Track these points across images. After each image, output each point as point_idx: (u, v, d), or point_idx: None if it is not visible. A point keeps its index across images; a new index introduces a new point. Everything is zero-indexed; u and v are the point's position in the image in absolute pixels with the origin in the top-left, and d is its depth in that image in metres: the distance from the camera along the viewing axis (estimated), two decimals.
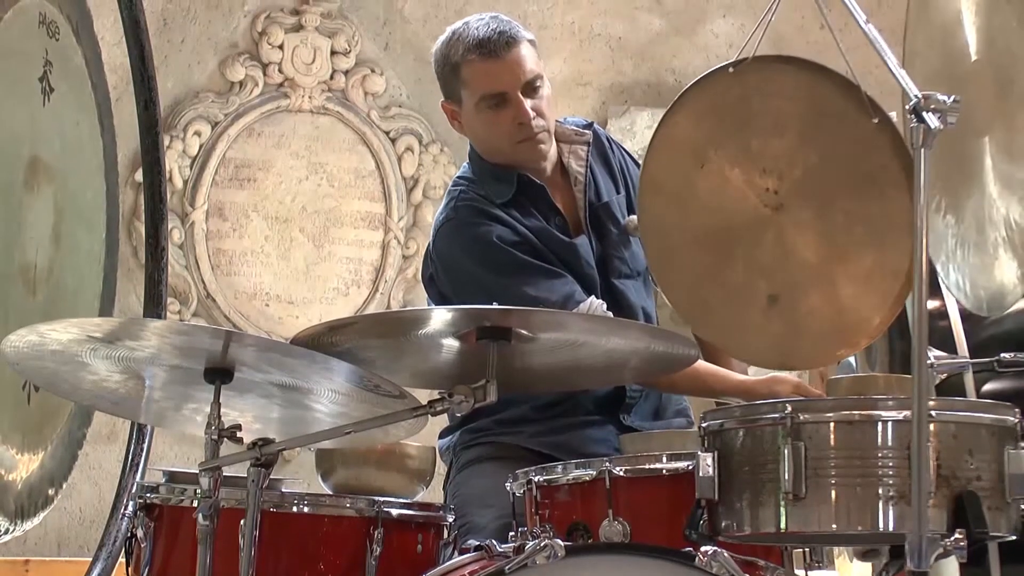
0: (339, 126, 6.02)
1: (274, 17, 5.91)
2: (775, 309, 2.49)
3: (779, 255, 2.51)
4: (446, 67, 3.16)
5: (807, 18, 5.46)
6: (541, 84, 3.13)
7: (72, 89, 4.08)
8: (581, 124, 3.28)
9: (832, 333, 2.53)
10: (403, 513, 2.75)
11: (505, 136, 3.13)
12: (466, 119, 3.18)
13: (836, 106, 2.49)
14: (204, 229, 5.85)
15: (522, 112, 3.10)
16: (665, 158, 2.55)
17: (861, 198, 2.49)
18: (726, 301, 2.53)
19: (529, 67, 3.10)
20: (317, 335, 2.47)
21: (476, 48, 3.09)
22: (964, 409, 2.29)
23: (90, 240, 4.21)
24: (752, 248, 2.51)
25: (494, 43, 3.09)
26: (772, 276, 2.50)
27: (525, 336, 2.44)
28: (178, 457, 5.40)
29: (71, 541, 5.48)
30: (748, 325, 2.52)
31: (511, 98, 3.10)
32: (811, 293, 2.52)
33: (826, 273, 2.51)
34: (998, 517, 2.24)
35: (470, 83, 3.12)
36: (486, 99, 3.11)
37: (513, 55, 3.09)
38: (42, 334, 2.50)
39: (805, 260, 2.51)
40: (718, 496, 2.31)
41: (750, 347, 2.60)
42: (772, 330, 2.52)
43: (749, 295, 2.51)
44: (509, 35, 3.10)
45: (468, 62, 3.11)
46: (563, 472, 2.61)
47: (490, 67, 3.09)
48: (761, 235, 2.51)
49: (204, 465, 2.52)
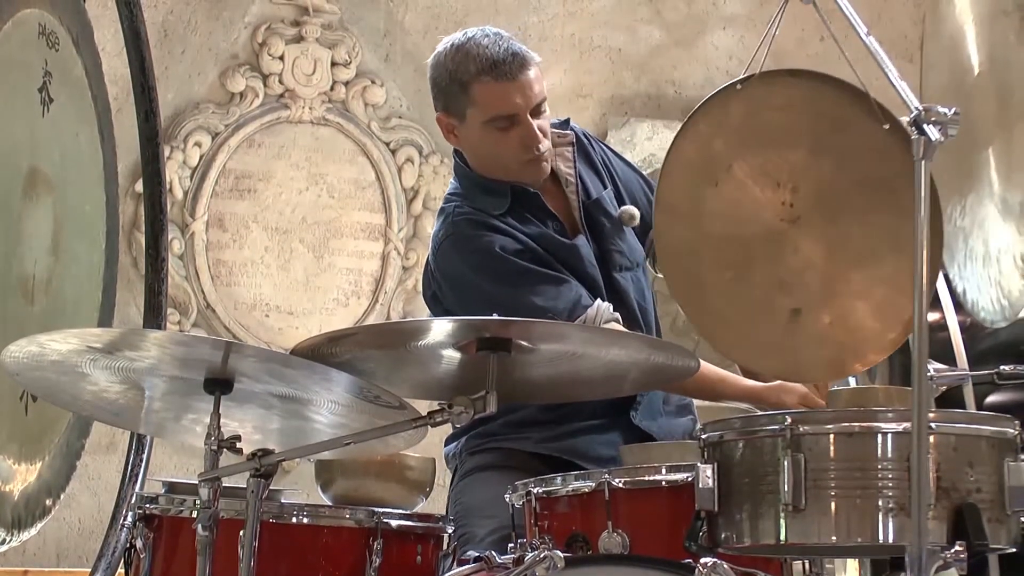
0: (339, 137, 6.01)
1: (275, 28, 5.92)
2: (797, 323, 2.49)
3: (798, 268, 2.50)
4: (452, 84, 3.14)
5: (807, 31, 5.46)
6: (545, 106, 3.16)
7: (72, 100, 4.08)
8: (556, 124, 3.28)
9: (852, 345, 2.52)
10: (403, 524, 2.75)
11: (513, 156, 3.14)
12: (467, 135, 3.18)
13: (846, 115, 2.48)
14: (204, 240, 5.85)
15: (532, 135, 3.11)
16: (678, 181, 2.55)
17: (878, 206, 2.48)
18: (747, 318, 2.53)
19: (538, 90, 3.12)
20: (317, 346, 2.47)
21: (491, 69, 3.09)
22: (964, 421, 2.29)
23: (89, 251, 4.21)
24: (771, 263, 2.50)
25: (508, 65, 3.09)
26: (792, 290, 2.50)
27: (525, 347, 2.44)
28: (177, 468, 5.39)
29: (70, 552, 5.48)
30: (768, 341, 2.52)
31: (521, 120, 3.11)
32: (832, 305, 2.51)
33: (846, 284, 2.50)
34: (998, 529, 2.24)
35: (480, 102, 3.11)
36: (497, 119, 3.11)
37: (525, 77, 3.10)
38: (42, 344, 2.50)
39: (824, 272, 2.50)
40: (718, 507, 2.31)
41: (770, 362, 2.60)
42: (792, 344, 2.51)
43: (770, 310, 2.50)
44: (522, 58, 3.11)
45: (481, 83, 3.10)
46: (562, 484, 2.61)
47: (504, 89, 3.09)
48: (779, 249, 2.50)
49: (203, 476, 2.52)
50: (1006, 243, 2.76)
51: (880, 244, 2.48)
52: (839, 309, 2.50)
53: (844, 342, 2.51)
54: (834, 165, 2.50)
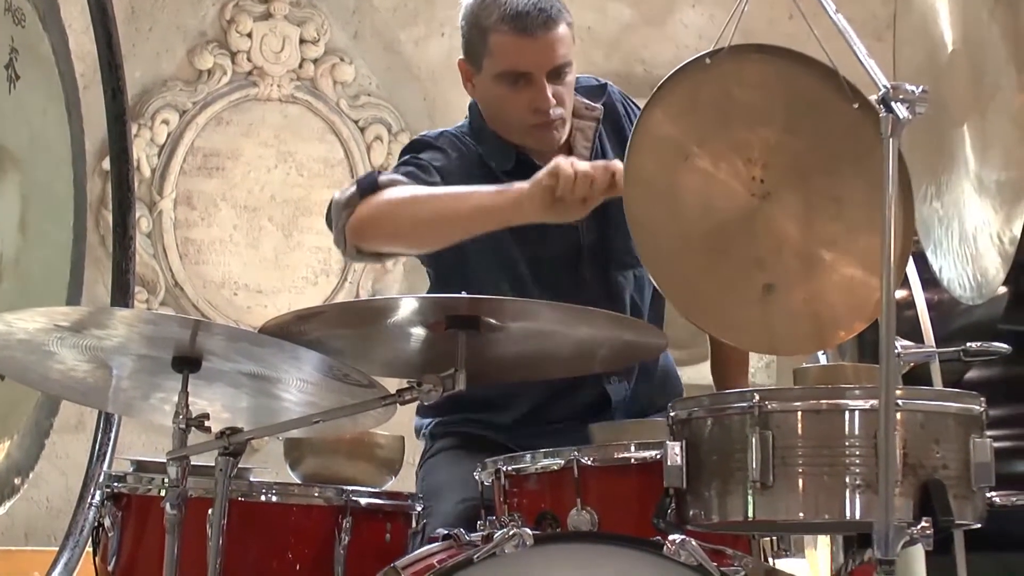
0: (308, 115, 6.00)
1: (243, 5, 5.89)
2: (771, 298, 2.49)
3: (771, 244, 2.50)
4: (473, 28, 2.96)
5: (777, 9, 5.45)
6: (568, 71, 2.96)
7: (39, 77, 4.05)
8: (593, 86, 3.11)
9: (829, 319, 2.52)
10: (372, 502, 2.75)
11: (519, 117, 2.96)
12: (481, 86, 3.00)
13: (816, 93, 2.47)
14: (172, 218, 5.83)
15: (543, 98, 2.92)
16: (648, 155, 2.53)
17: (848, 183, 2.47)
18: (721, 292, 2.52)
19: (561, 52, 2.92)
20: (286, 324, 2.47)
21: (511, 20, 2.90)
22: (931, 398, 2.30)
23: (57, 229, 4.19)
24: (743, 238, 2.50)
25: (531, 20, 2.89)
26: (765, 265, 2.49)
27: (494, 325, 2.44)
28: (146, 446, 5.38)
29: (38, 531, 5.46)
30: (744, 315, 2.52)
31: (534, 80, 2.92)
32: (806, 280, 2.50)
33: (819, 259, 2.50)
34: (964, 505, 2.26)
35: (495, 53, 2.93)
36: (508, 75, 2.94)
37: (548, 37, 2.91)
38: (9, 323, 2.49)
39: (797, 247, 2.50)
40: (686, 485, 2.32)
41: (746, 336, 2.59)
42: (768, 319, 2.51)
43: (744, 286, 2.50)
44: (549, 14, 2.91)
45: (499, 31, 2.91)
46: (531, 461, 2.61)
47: (521, 43, 2.90)
48: (751, 225, 2.50)
49: (172, 454, 2.51)
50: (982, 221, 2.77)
51: (851, 222, 2.48)
52: (812, 286, 2.50)
53: (816, 318, 2.52)
54: (805, 142, 2.50)
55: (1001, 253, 2.71)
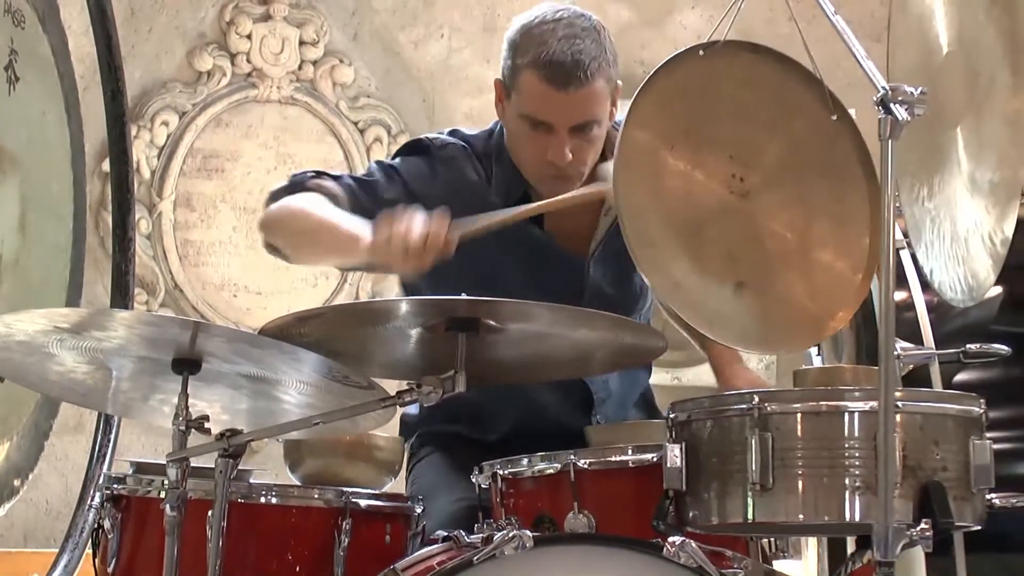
0: (307, 117, 6.00)
1: (242, 7, 5.90)
2: (744, 295, 2.50)
3: (747, 242, 2.51)
4: (510, 58, 2.89)
5: (775, 11, 5.46)
6: (596, 127, 2.86)
7: (38, 78, 4.05)
8: None
9: (803, 319, 2.53)
10: (371, 504, 2.75)
11: (533, 161, 2.90)
12: (507, 115, 2.94)
13: (801, 98, 2.50)
14: (172, 219, 5.84)
15: (559, 153, 2.84)
16: (638, 136, 2.54)
17: (824, 190, 2.51)
18: (699, 284, 2.52)
19: (589, 110, 2.83)
20: (285, 326, 2.47)
21: (544, 67, 2.81)
22: (930, 400, 2.30)
23: (57, 230, 4.19)
24: (721, 233, 2.51)
25: (564, 73, 2.80)
26: (741, 262, 2.50)
27: (493, 327, 2.44)
28: (145, 448, 5.38)
29: (37, 532, 5.46)
30: (720, 309, 2.52)
31: (555, 131, 2.84)
32: (779, 279, 2.52)
33: (793, 261, 2.52)
34: (963, 507, 2.26)
35: (523, 93, 2.86)
36: (530, 119, 2.87)
37: (579, 94, 2.81)
38: (8, 325, 2.49)
39: (772, 247, 2.51)
40: (686, 487, 2.32)
41: (724, 330, 2.59)
42: (744, 314, 2.51)
43: (720, 280, 2.51)
44: (585, 70, 2.80)
45: (530, 73, 2.83)
46: (528, 465, 2.61)
47: (548, 94, 2.82)
48: (729, 221, 2.51)
49: (171, 456, 2.51)
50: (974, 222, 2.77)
51: (825, 226, 2.51)
52: (788, 283, 2.51)
53: (796, 315, 2.53)
54: (786, 145, 2.52)
55: (992, 255, 2.71)
